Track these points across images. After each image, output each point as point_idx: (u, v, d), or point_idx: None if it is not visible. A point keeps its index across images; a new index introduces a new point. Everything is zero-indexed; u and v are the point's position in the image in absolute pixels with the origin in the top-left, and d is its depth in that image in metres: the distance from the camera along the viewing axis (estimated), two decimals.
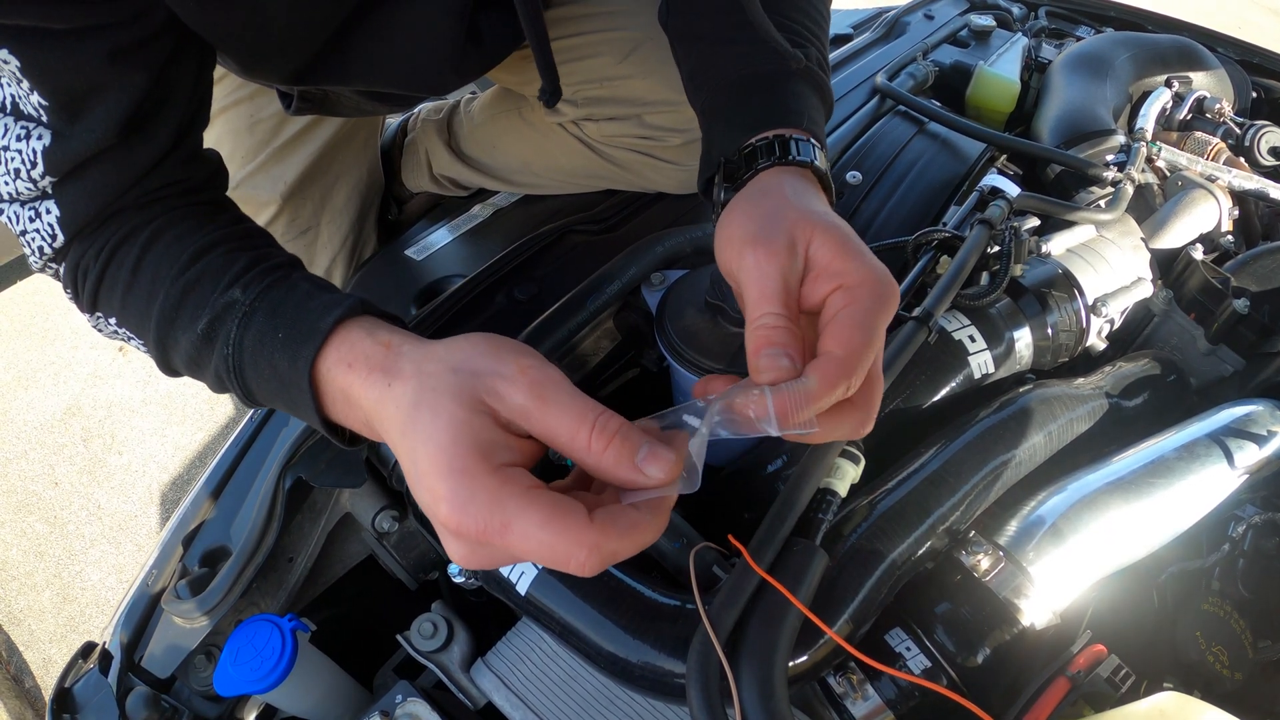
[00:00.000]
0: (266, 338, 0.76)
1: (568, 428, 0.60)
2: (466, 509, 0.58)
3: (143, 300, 0.84)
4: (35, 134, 0.80)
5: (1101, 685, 0.89)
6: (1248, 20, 6.73)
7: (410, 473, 0.63)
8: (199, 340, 0.80)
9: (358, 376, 0.70)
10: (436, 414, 0.61)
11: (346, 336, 0.73)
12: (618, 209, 1.60)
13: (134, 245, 0.85)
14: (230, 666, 0.95)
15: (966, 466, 1.00)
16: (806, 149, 0.85)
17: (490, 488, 0.58)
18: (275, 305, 0.78)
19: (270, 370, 0.76)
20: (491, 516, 0.57)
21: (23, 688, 2.68)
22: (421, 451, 0.61)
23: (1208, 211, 1.51)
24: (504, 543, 0.57)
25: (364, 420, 0.72)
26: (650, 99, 1.46)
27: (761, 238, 0.71)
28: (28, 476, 3.21)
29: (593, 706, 0.95)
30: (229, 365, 0.79)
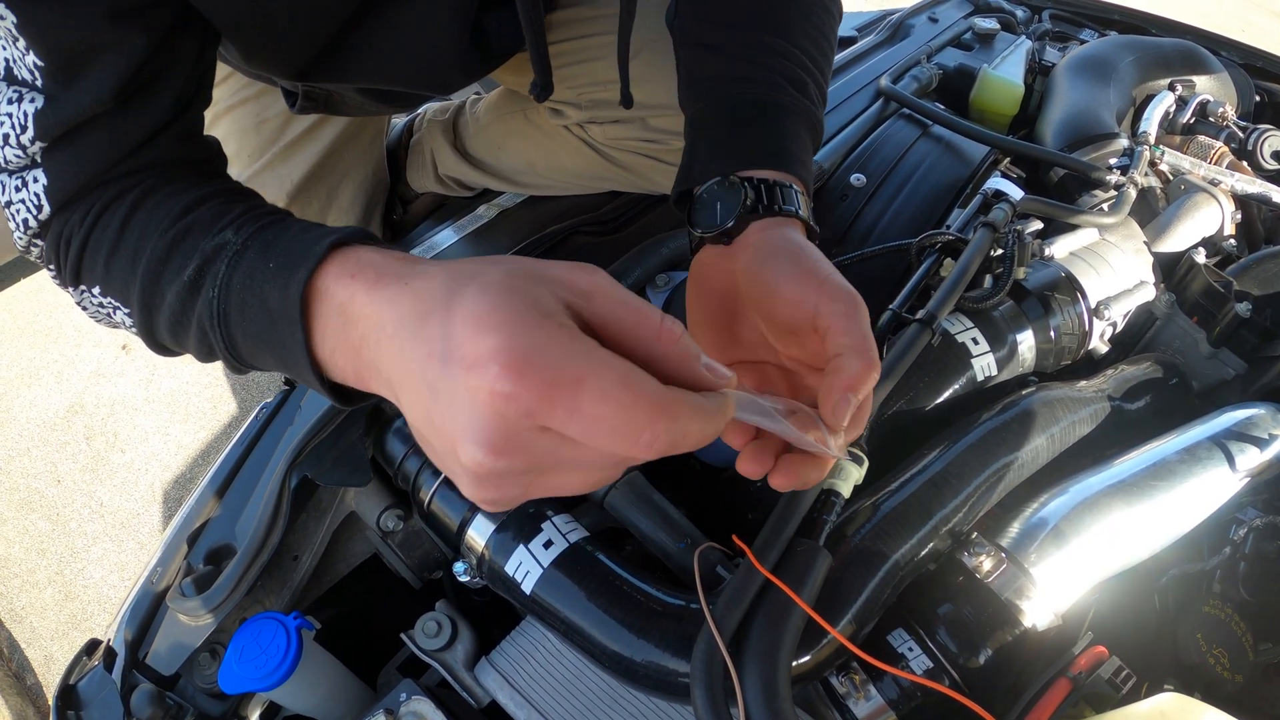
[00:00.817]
0: (258, 271, 0.69)
1: (636, 312, 0.54)
2: (530, 359, 0.49)
3: (128, 259, 0.79)
4: (28, 98, 0.76)
5: (1103, 686, 0.89)
6: (1251, 23, 6.73)
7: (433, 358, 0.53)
8: (184, 289, 0.74)
9: (363, 284, 0.62)
10: (486, 284, 0.52)
11: (350, 253, 0.65)
12: (622, 210, 1.60)
13: (121, 206, 0.80)
14: (235, 664, 0.96)
15: (969, 468, 1.01)
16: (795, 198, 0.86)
17: (560, 340, 0.50)
18: (269, 242, 0.71)
19: (258, 307, 0.69)
20: (563, 369, 0.49)
21: (24, 685, 2.68)
22: (462, 319, 0.51)
23: (1210, 215, 1.51)
24: (572, 404, 0.49)
25: (357, 344, 0.62)
26: (654, 102, 1.46)
27: (851, 290, 0.74)
28: (30, 474, 3.21)
29: (597, 705, 0.95)
30: (213, 310, 0.72)
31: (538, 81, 1.22)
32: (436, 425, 0.54)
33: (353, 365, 0.64)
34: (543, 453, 0.52)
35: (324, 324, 0.65)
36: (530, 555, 0.96)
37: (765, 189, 0.85)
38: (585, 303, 0.54)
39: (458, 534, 1.04)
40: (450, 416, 0.52)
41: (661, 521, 1.01)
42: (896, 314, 1.12)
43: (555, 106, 1.55)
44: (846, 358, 0.70)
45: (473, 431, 0.51)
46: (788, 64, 0.95)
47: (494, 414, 0.49)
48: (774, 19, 0.97)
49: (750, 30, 0.95)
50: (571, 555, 0.95)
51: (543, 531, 0.98)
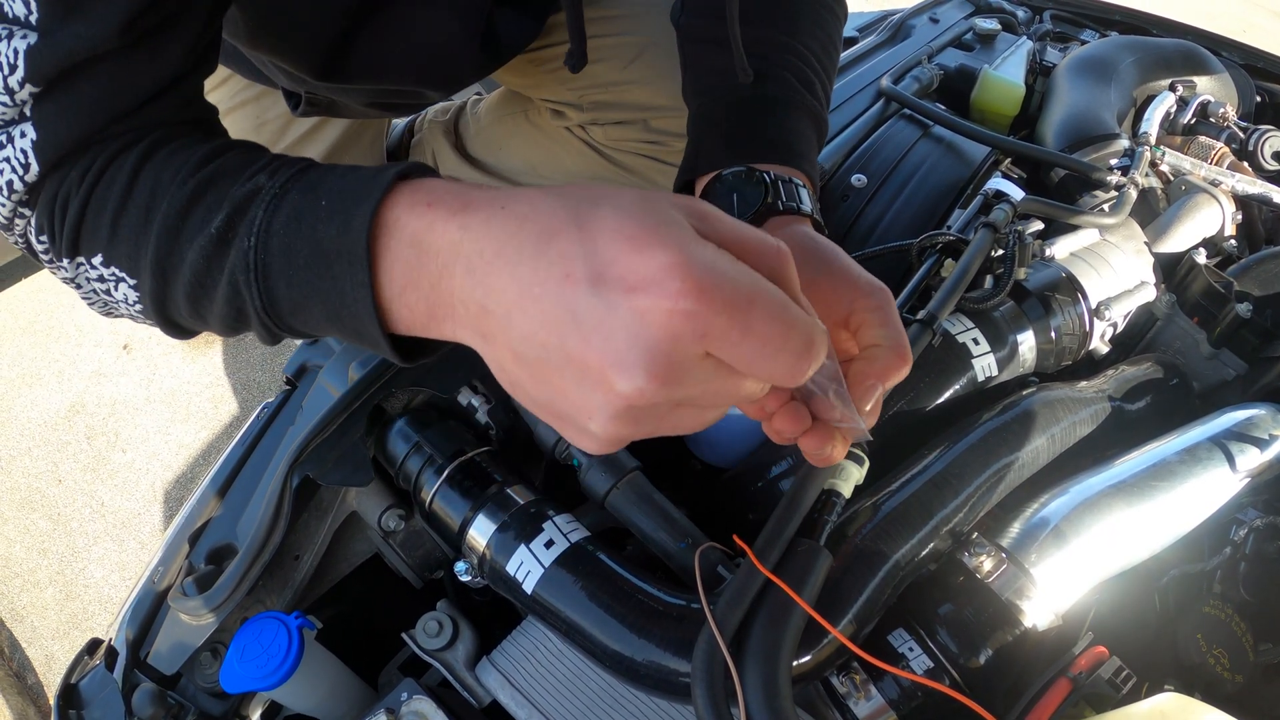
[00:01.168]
0: (305, 212, 0.63)
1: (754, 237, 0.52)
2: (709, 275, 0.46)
3: (139, 216, 0.70)
4: (19, 34, 0.67)
5: (1103, 686, 0.89)
6: (1252, 24, 6.73)
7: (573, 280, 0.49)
8: (211, 244, 0.66)
9: (443, 212, 0.56)
10: (620, 205, 0.50)
11: (421, 183, 0.60)
12: None
13: (127, 159, 0.71)
14: (236, 663, 0.96)
15: (970, 469, 1.01)
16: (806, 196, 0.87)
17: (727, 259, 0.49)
18: (314, 182, 0.65)
19: (309, 250, 0.62)
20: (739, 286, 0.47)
21: (25, 684, 2.68)
22: (610, 238, 0.48)
23: (1211, 216, 1.51)
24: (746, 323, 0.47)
25: (435, 276, 0.57)
26: (656, 104, 1.46)
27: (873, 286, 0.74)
28: (31, 473, 3.22)
29: (597, 705, 0.95)
30: (250, 262, 0.65)
31: (574, 50, 1.17)
32: (577, 356, 0.50)
33: (426, 303, 0.59)
34: (700, 380, 0.50)
35: (392, 259, 0.59)
36: (531, 555, 0.96)
37: (782, 185, 0.85)
38: (707, 225, 0.52)
39: (459, 534, 1.04)
40: (601, 343, 0.48)
41: (662, 521, 1.01)
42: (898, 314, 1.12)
43: (557, 108, 1.55)
44: (883, 349, 0.71)
45: (637, 356, 0.47)
46: (796, 62, 0.95)
47: (668, 335, 0.47)
48: (782, 18, 0.97)
49: (758, 27, 0.95)
50: (573, 555, 0.96)
51: (544, 531, 0.98)
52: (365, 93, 1.30)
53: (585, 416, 0.52)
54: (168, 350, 3.52)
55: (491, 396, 1.19)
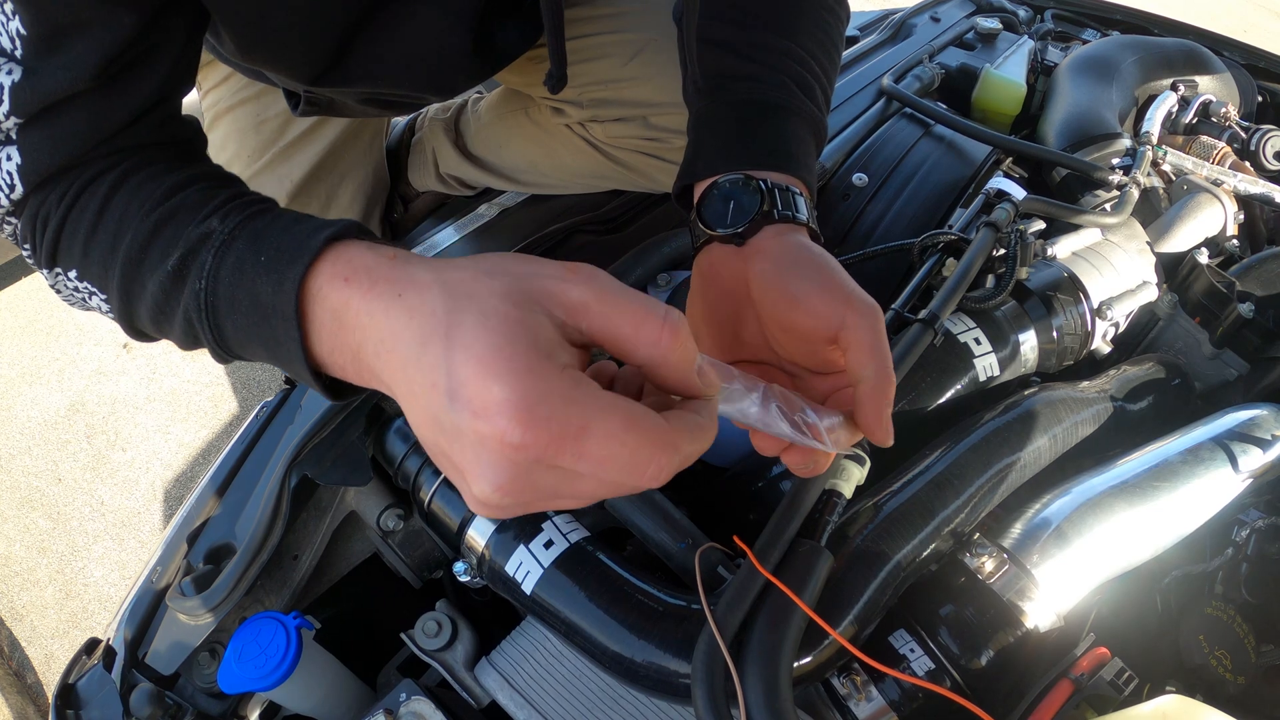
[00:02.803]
0: (247, 264, 0.67)
1: (633, 318, 0.54)
2: (537, 411, 0.49)
3: (107, 243, 0.75)
4: (4, 69, 0.73)
5: (1105, 688, 0.89)
6: (1254, 24, 6.73)
7: (438, 390, 0.53)
8: (168, 279, 0.72)
9: (357, 290, 0.60)
10: (485, 315, 0.52)
11: (343, 252, 0.63)
12: (624, 209, 1.60)
13: (100, 186, 0.77)
14: (234, 664, 0.96)
15: (971, 469, 1.00)
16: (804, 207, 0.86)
17: (563, 388, 0.51)
18: (258, 232, 0.69)
19: (249, 301, 0.67)
20: (569, 418, 0.50)
21: (24, 683, 2.68)
22: (464, 357, 0.51)
23: (1213, 215, 1.51)
24: (579, 450, 0.50)
25: (355, 349, 0.61)
26: (656, 101, 1.46)
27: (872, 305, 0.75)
28: (31, 472, 3.22)
29: (597, 706, 0.95)
30: (200, 302, 0.70)
31: (553, 72, 1.21)
32: (445, 451, 0.55)
33: (353, 366, 0.63)
34: (552, 484, 0.53)
35: (319, 325, 0.64)
36: (531, 555, 0.96)
37: (779, 193, 0.85)
38: (580, 318, 0.55)
39: (458, 534, 1.03)
40: (459, 451, 0.53)
41: (662, 521, 1.00)
42: (899, 314, 1.12)
43: (557, 105, 1.55)
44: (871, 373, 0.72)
45: (482, 472, 0.52)
46: (795, 66, 0.94)
47: (504, 459, 0.51)
48: (783, 21, 0.97)
49: (759, 30, 0.95)
50: (572, 555, 0.95)
51: (543, 531, 0.98)
52: (363, 94, 1.30)
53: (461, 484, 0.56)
54: (168, 349, 3.51)
55: None
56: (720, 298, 0.84)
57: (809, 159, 0.92)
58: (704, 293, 0.85)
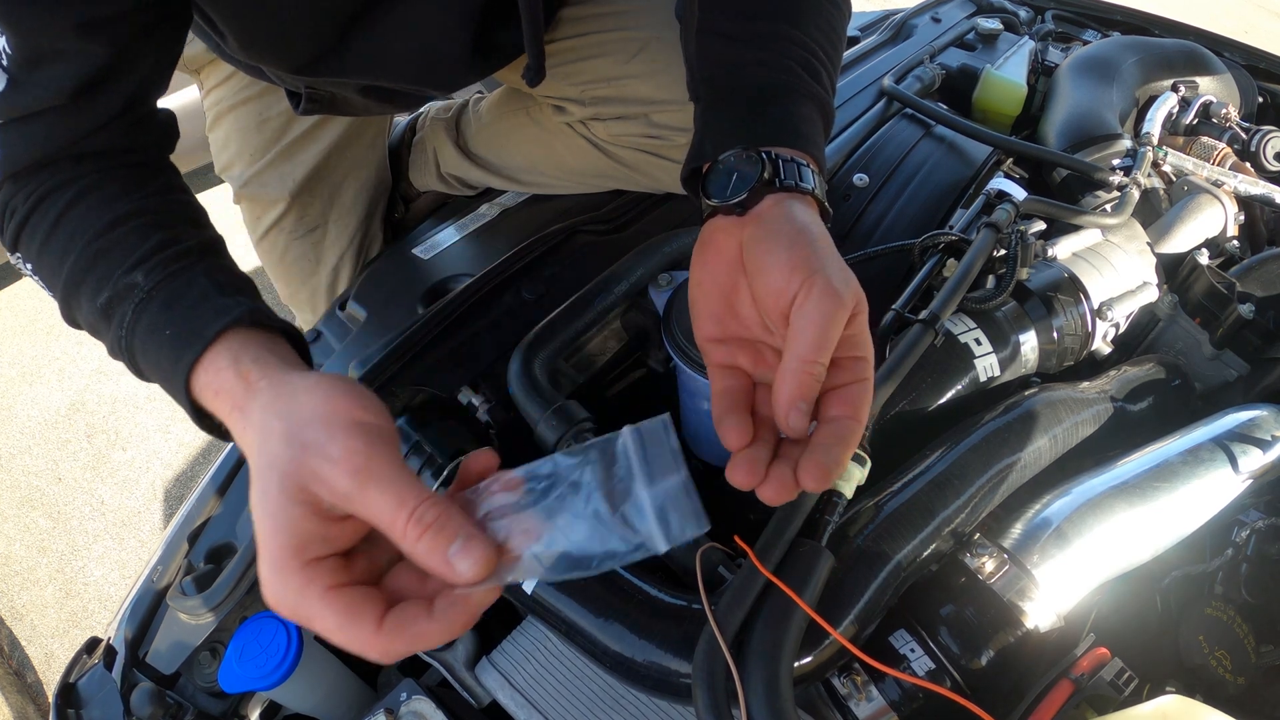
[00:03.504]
0: (156, 332, 0.79)
1: (386, 515, 0.61)
2: (280, 597, 0.61)
3: (57, 255, 0.86)
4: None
5: (1105, 688, 0.89)
6: (1254, 25, 6.73)
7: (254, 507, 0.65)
8: (98, 314, 0.83)
9: (222, 407, 0.74)
10: (265, 498, 0.63)
11: (214, 361, 0.75)
12: (626, 209, 1.60)
13: (60, 198, 0.86)
14: (235, 663, 0.96)
15: (972, 469, 1.00)
16: (810, 176, 0.85)
17: (296, 586, 0.60)
18: (170, 299, 0.80)
19: (155, 360, 0.80)
20: (297, 609, 0.60)
21: (24, 682, 2.68)
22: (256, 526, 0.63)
23: (1213, 216, 1.51)
24: (308, 623, 0.60)
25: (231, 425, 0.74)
26: (657, 98, 1.46)
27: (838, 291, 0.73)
28: (31, 471, 3.22)
29: (598, 705, 0.95)
30: (122, 345, 0.82)
31: (530, 65, 1.24)
32: None
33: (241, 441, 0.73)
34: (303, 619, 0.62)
35: (205, 398, 0.76)
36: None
37: (783, 163, 0.84)
38: (346, 504, 0.62)
39: None
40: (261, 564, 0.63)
41: None
42: (899, 314, 1.12)
43: (558, 104, 1.55)
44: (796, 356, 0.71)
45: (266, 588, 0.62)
46: (800, 52, 0.94)
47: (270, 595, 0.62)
48: (785, 11, 0.97)
49: (762, 21, 0.95)
50: None
51: None
52: (361, 88, 1.30)
53: None
54: None
55: (491, 396, 1.19)
56: (718, 267, 0.83)
57: (817, 136, 0.91)
58: (703, 263, 0.85)
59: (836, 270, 0.74)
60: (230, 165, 1.68)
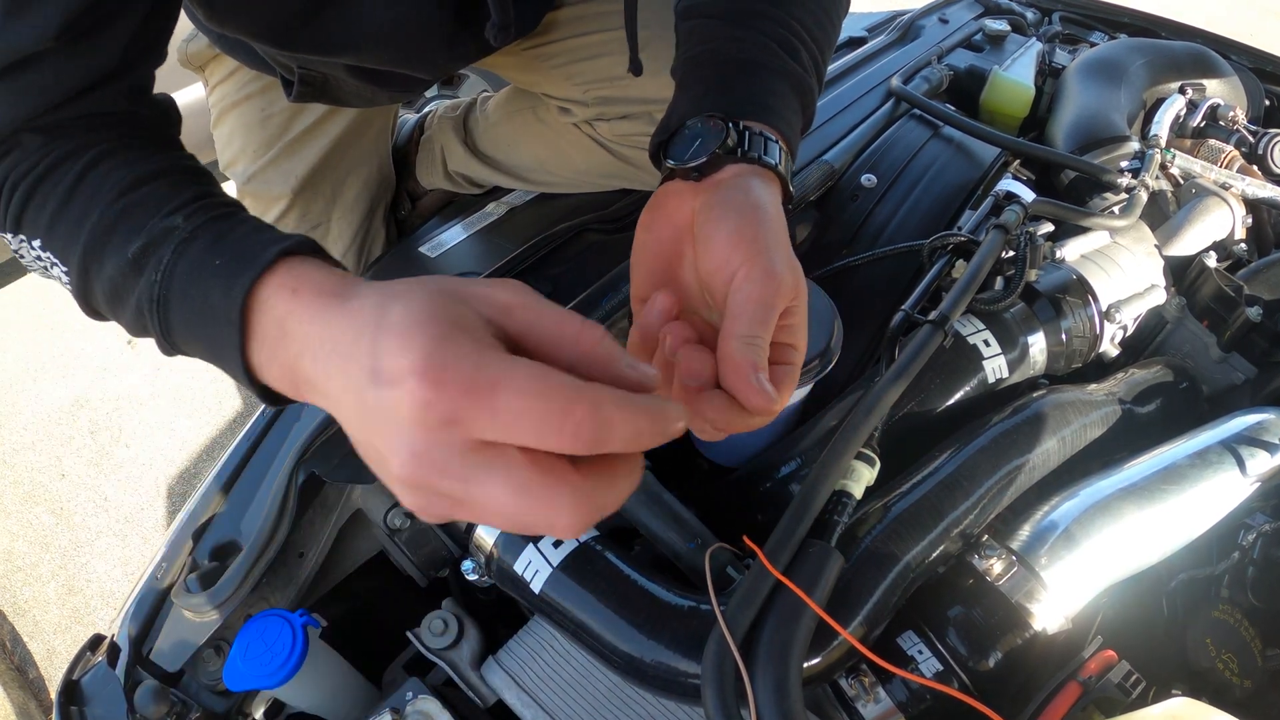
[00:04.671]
0: (203, 266, 0.70)
1: (555, 320, 0.57)
2: (445, 371, 0.51)
3: (74, 220, 0.78)
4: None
5: (1112, 691, 0.89)
6: (1261, 28, 6.73)
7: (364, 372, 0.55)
8: (127, 266, 0.74)
9: (301, 301, 0.64)
10: (411, 302, 0.55)
11: (294, 266, 0.67)
12: (632, 208, 1.60)
13: (76, 163, 0.79)
14: (240, 661, 0.96)
15: (980, 470, 1.00)
16: (775, 150, 0.84)
17: (473, 353, 0.52)
18: (218, 235, 0.72)
19: (199, 302, 0.70)
20: (478, 375, 0.51)
21: (26, 678, 2.69)
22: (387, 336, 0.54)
23: (1221, 219, 1.51)
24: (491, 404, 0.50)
25: (292, 359, 0.64)
26: (661, 97, 1.45)
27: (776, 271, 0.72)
28: (35, 468, 3.22)
29: (605, 706, 0.95)
30: (153, 295, 0.73)
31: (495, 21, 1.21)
32: (369, 440, 0.57)
33: (288, 378, 0.66)
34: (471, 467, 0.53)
35: (261, 334, 0.67)
36: (539, 554, 0.96)
37: (749, 135, 0.83)
38: (506, 317, 0.57)
39: (466, 532, 1.03)
40: (379, 430, 0.55)
41: (671, 521, 1.00)
42: (909, 315, 1.12)
43: (563, 104, 1.55)
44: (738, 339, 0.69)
45: (398, 443, 0.53)
46: (779, 29, 0.94)
47: (415, 422, 0.52)
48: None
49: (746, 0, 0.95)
50: (581, 554, 0.95)
51: None
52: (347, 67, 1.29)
53: (388, 481, 0.57)
54: None
55: None
56: (665, 230, 0.82)
57: (788, 113, 0.91)
58: (650, 224, 0.84)
59: (782, 256, 0.73)
60: (234, 161, 1.68)
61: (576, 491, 0.53)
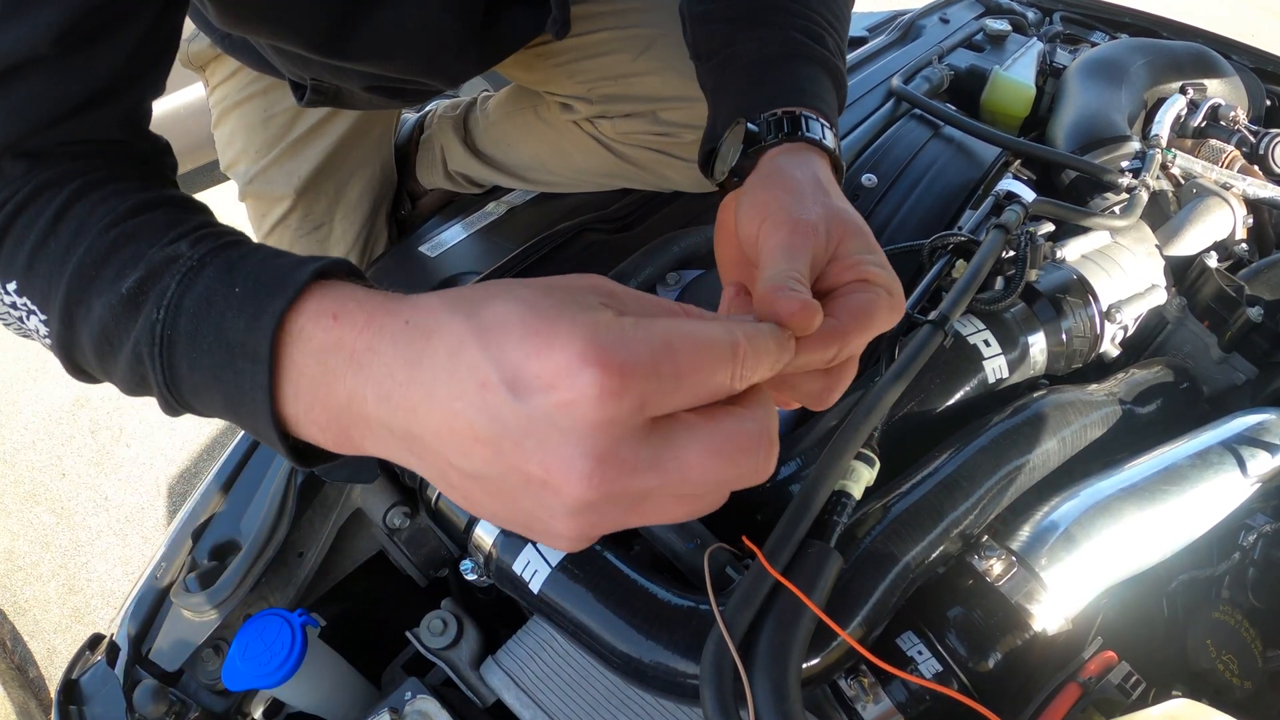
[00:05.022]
0: (217, 296, 0.59)
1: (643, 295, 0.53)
2: (619, 349, 0.45)
3: (58, 255, 0.66)
4: None
5: (1112, 692, 0.89)
6: (1261, 29, 6.72)
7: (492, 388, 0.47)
8: (121, 304, 0.63)
9: (350, 328, 0.54)
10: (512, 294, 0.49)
11: (330, 289, 0.57)
12: (633, 208, 1.60)
13: (61, 191, 0.68)
14: (239, 661, 0.96)
15: (980, 471, 1.00)
16: (816, 127, 0.84)
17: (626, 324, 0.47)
18: (232, 262, 0.61)
19: (215, 338, 0.58)
20: (650, 341, 0.46)
21: (27, 677, 2.69)
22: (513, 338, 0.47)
23: (1222, 219, 1.51)
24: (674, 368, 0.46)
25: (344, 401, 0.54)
26: (665, 95, 1.46)
27: (799, 217, 0.70)
28: (35, 467, 3.22)
29: (604, 706, 0.95)
30: (155, 336, 0.61)
31: (556, 17, 1.22)
32: (518, 466, 0.48)
33: (335, 425, 0.56)
34: (659, 448, 0.48)
35: (297, 372, 0.56)
36: (538, 554, 0.96)
37: (774, 122, 0.83)
38: (615, 299, 0.52)
39: (465, 532, 1.03)
40: (538, 449, 0.47)
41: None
42: (909, 315, 1.12)
43: (566, 102, 1.55)
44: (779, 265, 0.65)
45: (577, 453, 0.46)
46: (799, 20, 0.94)
47: (603, 420, 0.45)
48: None
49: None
50: (580, 555, 0.95)
51: None
52: (367, 77, 1.30)
53: (545, 522, 0.51)
54: None
55: None
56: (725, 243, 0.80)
57: (823, 91, 0.91)
58: (718, 244, 0.82)
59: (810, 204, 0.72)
60: (235, 162, 1.68)
61: (758, 423, 0.50)
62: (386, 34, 1.15)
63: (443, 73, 1.34)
